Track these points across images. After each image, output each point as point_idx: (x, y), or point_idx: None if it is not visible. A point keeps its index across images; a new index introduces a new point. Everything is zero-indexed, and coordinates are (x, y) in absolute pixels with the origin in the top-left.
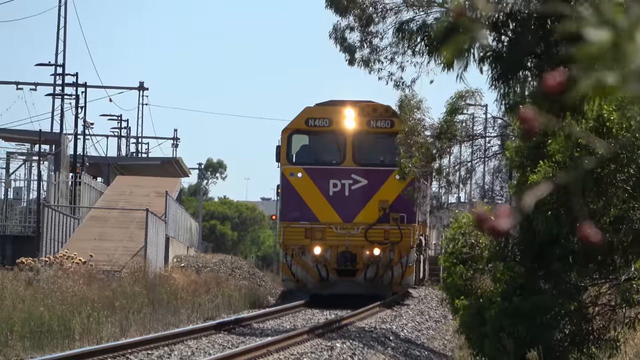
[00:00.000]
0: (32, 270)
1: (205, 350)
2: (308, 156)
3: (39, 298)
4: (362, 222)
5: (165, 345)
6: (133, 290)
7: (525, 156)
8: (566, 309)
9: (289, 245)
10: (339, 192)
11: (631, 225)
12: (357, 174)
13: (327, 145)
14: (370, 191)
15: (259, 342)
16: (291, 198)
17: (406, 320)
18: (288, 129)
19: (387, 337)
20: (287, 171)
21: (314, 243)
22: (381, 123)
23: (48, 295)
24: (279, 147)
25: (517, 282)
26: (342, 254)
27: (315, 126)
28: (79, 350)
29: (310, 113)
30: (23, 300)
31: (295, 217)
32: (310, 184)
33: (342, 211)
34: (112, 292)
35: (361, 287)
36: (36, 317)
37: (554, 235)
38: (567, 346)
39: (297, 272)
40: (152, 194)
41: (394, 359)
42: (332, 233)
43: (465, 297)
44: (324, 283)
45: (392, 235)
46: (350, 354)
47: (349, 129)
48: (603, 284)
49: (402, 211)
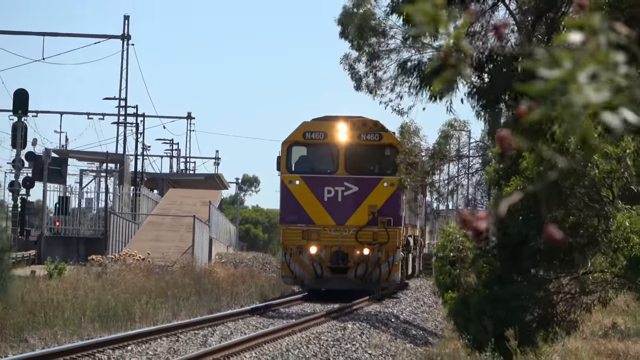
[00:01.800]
0: (100, 265)
1: (242, 330)
2: (305, 166)
3: (106, 288)
4: (353, 224)
5: (209, 326)
6: (183, 281)
7: (500, 175)
8: (535, 297)
9: (288, 245)
10: (332, 197)
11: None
12: (349, 181)
13: (323, 156)
14: (361, 197)
15: (285, 324)
16: (290, 203)
17: (405, 305)
18: (287, 141)
19: (389, 319)
20: (287, 179)
21: (310, 243)
22: (370, 136)
23: (114, 285)
24: (279, 158)
25: (496, 275)
26: (335, 253)
27: (312, 139)
28: (139, 331)
29: (308, 127)
30: (93, 290)
31: (293, 220)
32: (307, 190)
33: (336, 215)
34: (166, 283)
35: (352, 283)
36: (104, 303)
37: (523, 236)
38: (536, 326)
39: (295, 269)
40: (198, 203)
41: (395, 337)
42: (327, 234)
43: (452, 292)
44: (319, 279)
45: (380, 237)
46: (359, 333)
47: (342, 142)
48: (565, 276)
49: (389, 215)
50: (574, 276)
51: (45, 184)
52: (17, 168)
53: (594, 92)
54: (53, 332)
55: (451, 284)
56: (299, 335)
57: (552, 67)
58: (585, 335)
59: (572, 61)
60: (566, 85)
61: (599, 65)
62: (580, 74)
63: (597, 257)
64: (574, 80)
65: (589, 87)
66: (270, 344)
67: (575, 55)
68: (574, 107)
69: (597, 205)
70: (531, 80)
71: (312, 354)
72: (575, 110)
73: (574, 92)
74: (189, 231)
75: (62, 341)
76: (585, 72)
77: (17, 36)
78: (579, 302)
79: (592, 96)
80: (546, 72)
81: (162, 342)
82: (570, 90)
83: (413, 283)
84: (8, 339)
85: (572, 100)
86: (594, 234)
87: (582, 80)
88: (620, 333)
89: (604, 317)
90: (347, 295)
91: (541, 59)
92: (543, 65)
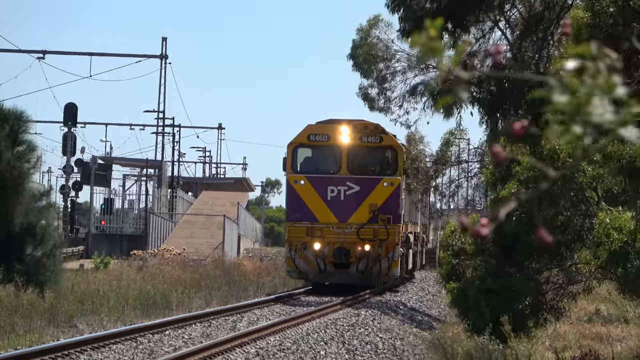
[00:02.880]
0: (141, 259)
1: (267, 317)
2: (310, 166)
3: (146, 279)
4: (355, 222)
5: (237, 313)
6: (214, 273)
7: (496, 178)
8: (527, 287)
9: (292, 242)
10: (335, 196)
11: (574, 227)
12: (351, 181)
13: (326, 157)
14: (362, 196)
15: (305, 311)
16: (295, 202)
17: (412, 294)
18: (293, 143)
19: (397, 307)
20: (292, 179)
21: (314, 240)
22: (371, 138)
23: (153, 277)
24: (285, 159)
25: (491, 270)
26: (338, 249)
27: (316, 141)
28: (176, 317)
29: (312, 130)
30: (135, 281)
31: (298, 218)
32: (311, 190)
33: (338, 213)
34: (199, 275)
35: (354, 277)
36: (144, 293)
37: (516, 234)
38: (528, 313)
39: (299, 264)
40: (228, 204)
41: (403, 322)
42: (330, 231)
43: (454, 280)
44: (322, 274)
45: (380, 234)
46: (371, 319)
47: (344, 144)
48: (553, 268)
49: (389, 213)
50: (562, 268)
51: (92, 187)
52: (67, 173)
53: (607, 113)
54: (99, 318)
55: (452, 273)
56: (317, 321)
57: (565, 93)
58: (572, 321)
59: (584, 87)
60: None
61: (602, 88)
62: (595, 98)
63: (582, 251)
64: (589, 103)
65: (603, 109)
66: (292, 328)
67: (583, 81)
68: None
69: (583, 206)
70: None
71: (329, 338)
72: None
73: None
74: (220, 229)
75: (108, 327)
76: (598, 96)
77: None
78: (566, 291)
79: (607, 116)
80: (559, 97)
81: (196, 327)
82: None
83: (419, 275)
84: (60, 325)
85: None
86: (580, 232)
87: (597, 103)
88: (603, 318)
89: (589, 304)
90: (349, 289)
91: (554, 87)
92: (557, 92)
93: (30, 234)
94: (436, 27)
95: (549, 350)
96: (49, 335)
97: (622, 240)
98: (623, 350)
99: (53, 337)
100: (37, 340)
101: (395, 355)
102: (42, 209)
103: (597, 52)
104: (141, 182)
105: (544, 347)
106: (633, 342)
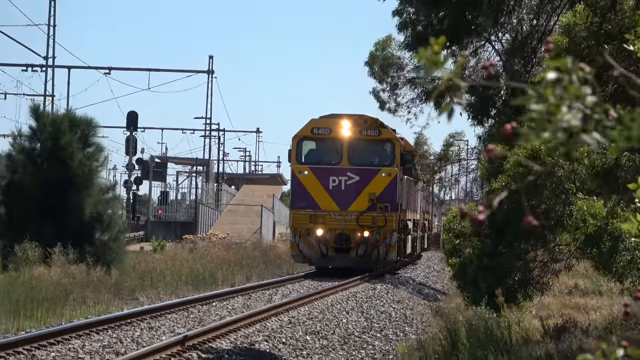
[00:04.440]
0: (192, 242)
1: (298, 290)
2: (313, 158)
3: (196, 259)
4: (355, 210)
5: (273, 287)
6: (253, 254)
7: (490, 172)
8: (516, 265)
9: (297, 228)
10: (337, 186)
11: (555, 214)
12: (351, 172)
13: (328, 149)
14: (362, 186)
15: (330, 285)
16: (299, 191)
17: (420, 271)
18: (297, 136)
19: (408, 282)
20: (297, 169)
21: (316, 226)
22: (371, 132)
23: (202, 257)
24: (290, 151)
25: (486, 250)
26: (339, 235)
27: (319, 134)
28: (221, 291)
29: (315, 123)
30: (187, 260)
31: (302, 206)
32: (314, 179)
33: (339, 201)
34: (241, 255)
35: (353, 261)
36: (195, 271)
37: (507, 219)
38: (517, 287)
39: (303, 249)
40: (265, 195)
41: (413, 295)
42: (331, 218)
43: (455, 257)
44: (324, 258)
45: (378, 221)
46: (386, 292)
47: (345, 137)
48: (539, 249)
49: (387, 202)
50: (546, 248)
51: (151, 182)
52: (129, 170)
53: (573, 119)
54: (157, 292)
55: (454, 251)
56: (340, 294)
57: (539, 102)
58: (555, 293)
59: (554, 96)
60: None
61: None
62: (563, 106)
63: (563, 235)
64: (558, 110)
65: (569, 116)
66: (319, 300)
67: (556, 90)
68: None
69: (564, 195)
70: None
71: (350, 308)
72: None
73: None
74: (258, 217)
75: (164, 299)
76: (566, 104)
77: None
78: (550, 268)
79: (573, 122)
80: (535, 106)
81: (238, 299)
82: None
83: (425, 255)
84: (124, 298)
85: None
86: (560, 217)
87: (564, 110)
88: (580, 291)
89: (569, 280)
90: (349, 271)
91: (531, 96)
92: (533, 101)
93: (98, 221)
94: (439, 44)
95: (535, 318)
96: (114, 306)
97: (596, 225)
98: (597, 318)
99: (118, 308)
100: (105, 310)
101: (406, 322)
102: (109, 200)
103: (572, 66)
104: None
105: (531, 315)
106: (606, 310)
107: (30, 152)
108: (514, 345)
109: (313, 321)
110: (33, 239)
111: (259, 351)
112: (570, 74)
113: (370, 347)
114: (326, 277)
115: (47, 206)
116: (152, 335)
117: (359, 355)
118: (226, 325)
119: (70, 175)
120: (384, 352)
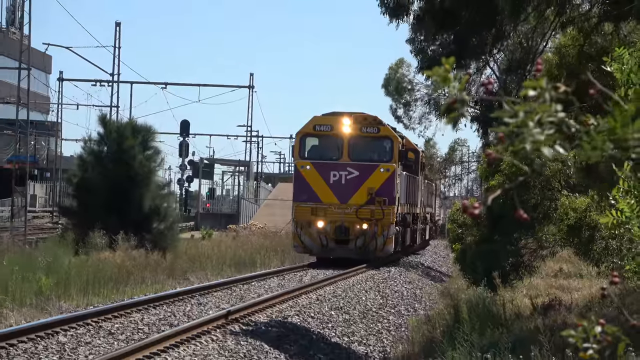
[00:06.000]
0: (235, 231)
1: (324, 273)
2: (315, 153)
3: (238, 246)
4: (354, 203)
5: (303, 269)
6: (287, 242)
7: (488, 172)
8: (509, 251)
9: (299, 220)
10: (337, 180)
11: (543, 208)
12: (351, 167)
13: (330, 145)
14: (361, 180)
15: (346, 270)
16: (302, 185)
17: (427, 257)
18: (300, 132)
19: (418, 266)
20: (299, 164)
21: (317, 218)
22: (370, 129)
23: (243, 244)
24: (293, 147)
25: (484, 238)
26: (339, 227)
27: (321, 131)
28: (259, 272)
29: (317, 121)
30: (231, 247)
31: (304, 199)
32: (316, 174)
33: (340, 195)
34: (276, 242)
35: (353, 252)
36: (237, 255)
37: (501, 213)
38: (510, 270)
39: (305, 240)
40: None
41: (422, 277)
42: (332, 211)
43: (457, 243)
44: (325, 249)
45: (376, 214)
46: (399, 274)
47: (346, 133)
48: (529, 238)
49: (385, 196)
50: (535, 237)
51: (200, 180)
52: (182, 170)
53: (538, 133)
54: (205, 273)
55: (457, 238)
56: (360, 276)
57: (512, 116)
58: (542, 276)
59: (524, 112)
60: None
61: (544, 113)
62: (530, 122)
63: (549, 226)
64: (526, 125)
65: (536, 131)
66: (343, 281)
67: (528, 107)
68: (526, 142)
69: (550, 192)
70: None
71: (369, 287)
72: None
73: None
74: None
75: (211, 279)
76: (533, 120)
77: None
78: (538, 254)
79: (537, 136)
80: (508, 120)
81: (274, 280)
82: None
83: (433, 243)
84: (177, 278)
85: (525, 138)
86: (547, 211)
87: (531, 125)
88: (564, 274)
89: (554, 264)
90: (348, 261)
91: (505, 111)
92: (506, 115)
93: (156, 213)
94: (450, 64)
95: (525, 297)
96: (169, 285)
97: (577, 217)
98: (579, 297)
99: (172, 287)
100: (160, 289)
101: (416, 300)
102: (165, 195)
103: (547, 86)
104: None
105: (522, 294)
106: (586, 291)
107: (99, 155)
108: (508, 320)
109: (337, 298)
110: (101, 228)
111: (291, 323)
112: (544, 93)
113: (386, 321)
114: (339, 265)
115: (112, 200)
116: (201, 310)
117: (375, 327)
118: (263, 301)
119: (132, 174)
120: (397, 325)
